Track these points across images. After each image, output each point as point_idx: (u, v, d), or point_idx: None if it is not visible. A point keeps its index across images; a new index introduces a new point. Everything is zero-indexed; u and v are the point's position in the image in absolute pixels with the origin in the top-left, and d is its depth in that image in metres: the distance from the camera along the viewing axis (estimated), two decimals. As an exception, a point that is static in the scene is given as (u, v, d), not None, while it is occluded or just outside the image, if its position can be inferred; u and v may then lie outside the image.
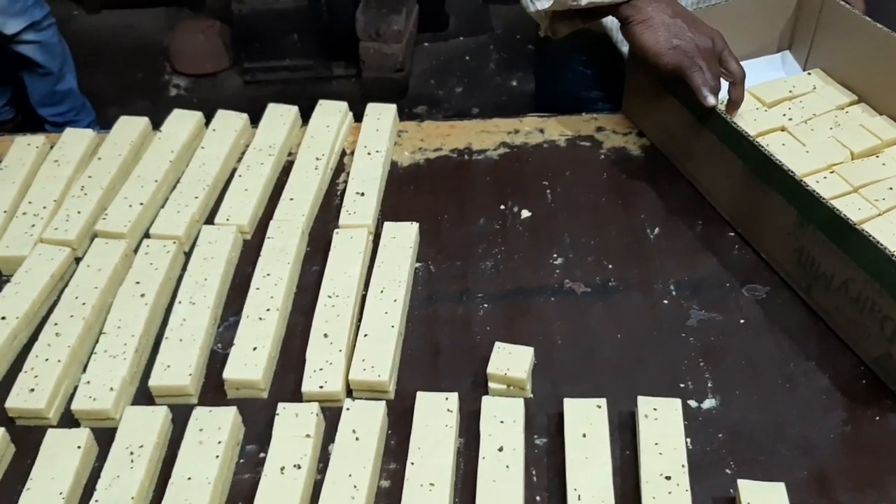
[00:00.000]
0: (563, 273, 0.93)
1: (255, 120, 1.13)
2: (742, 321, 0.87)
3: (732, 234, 0.96)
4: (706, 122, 0.93)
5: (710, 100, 0.91)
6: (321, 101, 1.13)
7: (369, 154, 1.06)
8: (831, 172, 0.95)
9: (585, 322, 0.88)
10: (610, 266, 0.94)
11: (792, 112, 1.04)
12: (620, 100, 1.12)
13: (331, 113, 1.11)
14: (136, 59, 2.83)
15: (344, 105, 1.12)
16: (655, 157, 1.07)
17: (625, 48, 1.12)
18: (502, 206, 1.01)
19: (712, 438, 0.78)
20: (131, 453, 0.75)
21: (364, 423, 0.77)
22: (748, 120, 1.01)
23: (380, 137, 1.08)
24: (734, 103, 0.96)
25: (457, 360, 0.86)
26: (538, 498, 0.74)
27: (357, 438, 0.76)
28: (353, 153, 1.08)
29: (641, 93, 1.07)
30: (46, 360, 0.83)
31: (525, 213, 1.00)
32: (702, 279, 0.92)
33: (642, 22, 0.93)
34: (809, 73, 1.09)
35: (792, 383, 0.82)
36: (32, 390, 0.80)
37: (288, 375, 0.85)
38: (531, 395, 0.82)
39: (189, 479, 0.73)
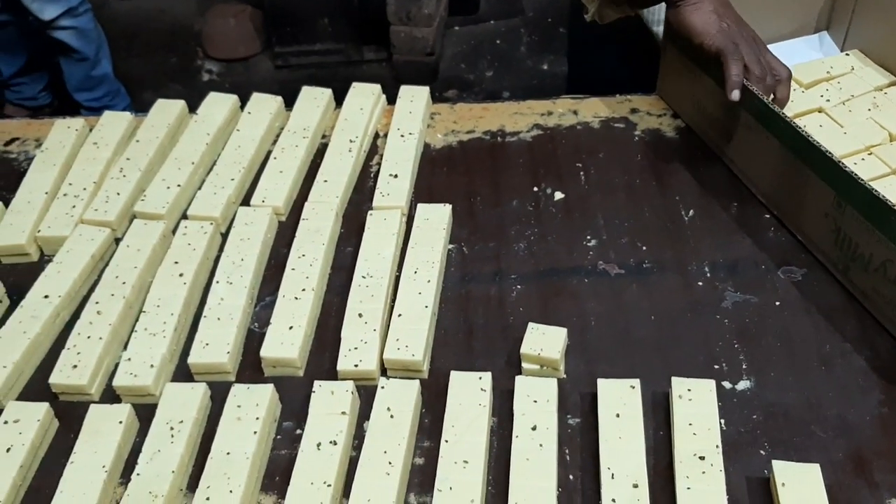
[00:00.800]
0: (597, 254, 0.93)
1: (288, 104, 1.14)
2: (778, 303, 0.87)
3: (768, 215, 0.95)
4: (743, 103, 0.93)
5: (736, 94, 0.90)
6: (354, 84, 1.13)
7: (402, 136, 1.06)
8: (869, 154, 0.94)
9: (619, 303, 0.88)
10: (644, 247, 0.93)
11: (829, 93, 1.02)
12: (653, 82, 1.11)
13: (364, 95, 1.12)
14: (169, 44, 2.85)
15: (377, 87, 1.13)
16: (690, 139, 1.06)
17: (657, 29, 1.11)
18: (535, 188, 1.01)
19: (747, 419, 0.77)
20: (171, 429, 0.76)
21: (399, 402, 0.78)
22: (784, 102, 1.00)
23: (413, 120, 1.08)
24: (781, 102, 0.96)
25: (490, 341, 0.86)
26: (571, 477, 0.75)
27: (392, 416, 0.77)
28: (386, 135, 1.09)
29: (677, 74, 1.06)
30: (88, 337, 0.84)
31: (558, 195, 1.00)
32: (737, 261, 0.91)
33: (693, 4, 0.94)
34: (847, 54, 1.08)
35: (828, 365, 0.81)
36: (75, 367, 0.82)
37: (323, 354, 0.86)
38: (564, 376, 0.82)
39: (228, 454, 0.74)
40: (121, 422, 0.77)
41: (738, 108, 0.94)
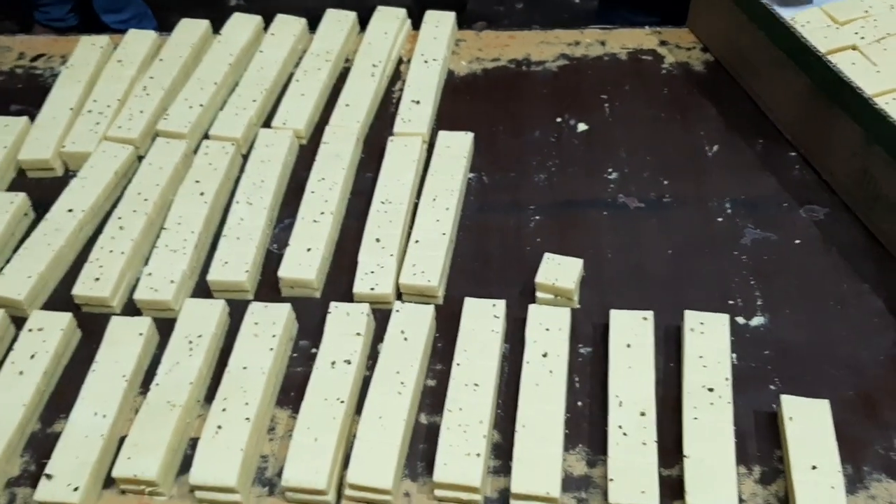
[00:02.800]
0: (618, 187, 0.93)
1: (312, 26, 1.12)
2: (797, 241, 0.86)
3: (793, 153, 0.94)
4: (775, 36, 0.90)
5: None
6: (379, 8, 1.12)
7: (426, 62, 1.05)
8: (903, 93, 0.91)
9: (637, 236, 0.88)
10: (665, 182, 0.93)
11: (865, 31, 0.99)
12: (684, 16, 1.09)
13: (389, 19, 1.10)
14: (197, -32, 2.81)
15: (402, 12, 1.11)
16: (718, 74, 1.04)
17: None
18: (559, 119, 1.00)
19: (758, 355, 0.78)
20: (190, 342, 0.78)
21: (413, 325, 0.79)
22: (818, 38, 0.97)
23: (437, 45, 1.07)
24: None
25: (506, 270, 0.86)
26: (580, 403, 0.76)
27: (406, 339, 0.78)
28: (409, 61, 1.08)
29: (708, 4, 1.03)
30: (111, 251, 0.86)
31: (581, 127, 0.99)
32: (759, 198, 0.90)
33: None
34: (888, -10, 1.04)
35: (844, 304, 0.81)
36: (98, 279, 0.84)
37: (340, 277, 0.87)
38: (578, 306, 0.82)
39: (245, 368, 0.76)
40: (141, 334, 0.79)
41: (769, 42, 0.92)
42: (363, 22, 1.13)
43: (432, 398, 0.77)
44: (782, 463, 0.70)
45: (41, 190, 0.96)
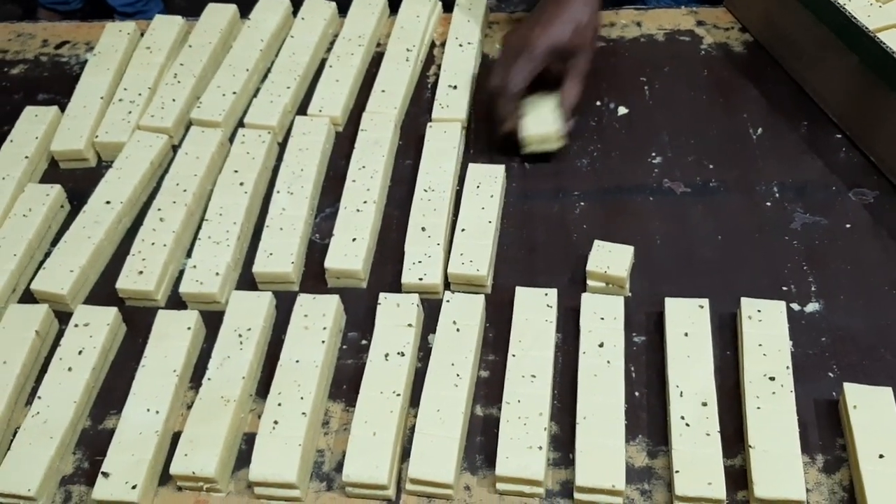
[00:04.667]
0: (662, 172, 0.91)
1: (341, 9, 1.10)
2: (848, 225, 0.85)
3: (840, 135, 0.93)
4: (821, 14, 0.89)
5: None
6: (411, -11, 1.10)
7: (461, 46, 1.03)
8: (951, 73, 0.90)
9: (685, 222, 0.87)
10: (710, 166, 0.91)
11: (909, 8, 0.98)
12: (719, 2, 1.07)
13: (420, 2, 1.08)
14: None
15: (434, -6, 1.09)
16: (758, 55, 1.02)
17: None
18: (598, 103, 0.99)
19: (815, 342, 0.77)
20: (240, 336, 0.77)
21: (464, 315, 0.78)
22: (862, 16, 0.95)
23: (471, 29, 1.05)
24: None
25: (553, 258, 0.85)
26: (637, 394, 0.75)
27: (458, 330, 0.77)
28: (442, 45, 1.06)
29: (748, -16, 1.01)
30: (153, 244, 0.85)
31: (622, 110, 0.98)
32: (807, 181, 0.89)
33: None
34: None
35: (899, 290, 0.80)
36: (141, 272, 0.82)
37: (385, 266, 0.85)
38: (629, 294, 0.81)
39: (297, 361, 0.75)
40: (189, 327, 0.78)
41: (814, 21, 0.91)
42: (391, 4, 1.11)
43: (486, 389, 0.76)
44: (845, 451, 0.70)
45: (74, 181, 0.95)
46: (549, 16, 0.88)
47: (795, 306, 0.79)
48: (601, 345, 0.75)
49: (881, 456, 0.66)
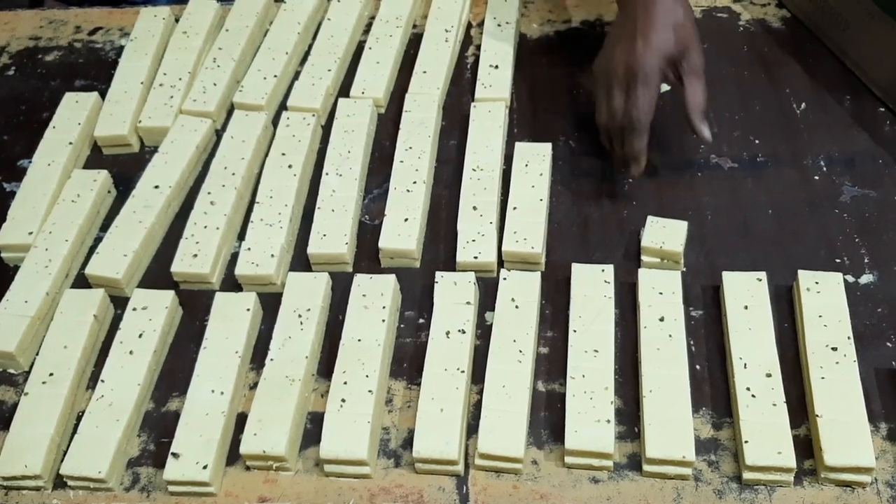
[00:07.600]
0: (709, 148, 0.91)
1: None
2: (897, 198, 0.86)
3: (883, 109, 0.93)
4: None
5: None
6: (445, -29, 1.09)
7: (499, 25, 1.03)
8: None
9: (735, 197, 0.87)
10: (757, 141, 0.92)
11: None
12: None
13: (456, -17, 1.08)
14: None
15: (469, -26, 1.09)
16: (797, 30, 1.02)
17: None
18: (640, 80, 0.99)
19: (871, 313, 0.77)
20: (299, 316, 0.77)
21: (522, 292, 0.78)
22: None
23: (508, 8, 1.05)
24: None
25: (605, 234, 0.86)
26: (698, 367, 0.75)
27: (517, 307, 0.77)
28: (479, 25, 1.06)
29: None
30: (205, 227, 0.85)
31: (665, 87, 0.97)
32: (854, 154, 0.89)
33: None
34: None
35: (953, 260, 0.80)
36: (195, 256, 0.83)
37: (437, 246, 0.86)
38: (684, 269, 0.82)
39: (359, 340, 0.75)
40: (248, 309, 0.78)
41: (859, -5, 0.91)
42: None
43: (547, 365, 0.76)
44: (909, 419, 0.71)
45: (118, 166, 0.95)
46: (643, 26, 0.79)
47: (850, 278, 0.80)
48: (661, 319, 0.75)
49: (948, 422, 0.67)
